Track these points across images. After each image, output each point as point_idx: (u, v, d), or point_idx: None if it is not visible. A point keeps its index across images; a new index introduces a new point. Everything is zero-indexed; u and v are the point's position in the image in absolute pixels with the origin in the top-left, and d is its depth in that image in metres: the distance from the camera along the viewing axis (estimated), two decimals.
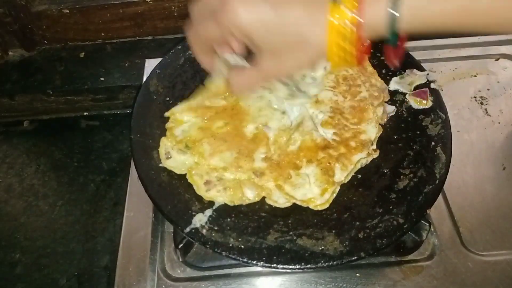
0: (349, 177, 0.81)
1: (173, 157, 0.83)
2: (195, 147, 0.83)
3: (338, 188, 0.79)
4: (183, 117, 0.87)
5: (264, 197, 0.79)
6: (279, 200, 0.78)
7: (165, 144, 0.85)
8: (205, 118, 0.86)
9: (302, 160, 0.81)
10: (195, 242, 0.75)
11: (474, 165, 0.96)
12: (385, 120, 0.88)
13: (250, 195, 0.79)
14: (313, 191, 0.78)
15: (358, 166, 0.82)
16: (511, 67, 1.12)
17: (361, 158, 0.82)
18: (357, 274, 0.83)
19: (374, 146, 0.85)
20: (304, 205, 0.77)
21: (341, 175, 0.80)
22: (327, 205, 0.77)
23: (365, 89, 0.91)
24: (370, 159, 0.83)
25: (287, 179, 0.79)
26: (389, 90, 0.93)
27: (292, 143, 0.83)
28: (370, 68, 0.96)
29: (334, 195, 0.78)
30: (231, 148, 0.82)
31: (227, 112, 0.87)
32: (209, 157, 0.82)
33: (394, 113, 0.90)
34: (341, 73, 0.93)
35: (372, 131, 0.86)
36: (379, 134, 0.86)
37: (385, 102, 0.91)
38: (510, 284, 0.81)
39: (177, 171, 0.82)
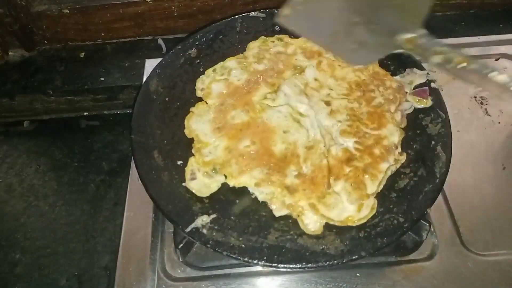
0: (382, 186, 0.80)
1: (198, 178, 0.82)
2: (224, 168, 0.82)
3: (376, 203, 0.78)
4: (208, 139, 0.86)
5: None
6: (310, 225, 0.76)
7: (192, 164, 0.84)
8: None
9: (330, 178, 0.80)
10: (196, 242, 0.75)
11: (474, 165, 0.96)
12: (405, 124, 0.88)
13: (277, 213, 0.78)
14: (348, 209, 0.77)
15: (389, 173, 0.81)
16: (511, 67, 1.12)
17: (390, 166, 0.81)
18: (357, 274, 0.83)
19: (399, 149, 0.84)
20: (343, 225, 0.75)
21: (373, 186, 0.79)
22: (365, 220, 0.76)
23: (380, 93, 0.91)
24: (398, 165, 0.82)
25: (320, 198, 0.78)
26: None
27: (324, 155, 0.82)
28: (381, 71, 0.95)
29: (374, 211, 0.76)
30: (261, 165, 0.81)
31: (252, 130, 0.86)
32: (238, 175, 0.81)
33: (411, 110, 0.89)
34: (353, 79, 0.93)
35: (394, 135, 0.85)
36: (402, 137, 0.85)
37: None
38: (510, 284, 0.81)
39: (199, 194, 0.81)
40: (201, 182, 0.82)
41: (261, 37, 1.02)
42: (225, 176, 0.82)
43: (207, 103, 0.92)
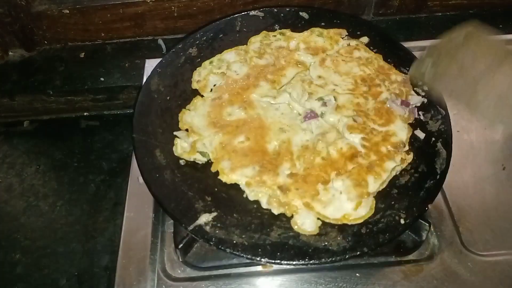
0: (385, 185, 0.79)
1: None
2: (215, 163, 0.83)
3: (375, 203, 0.77)
4: (202, 132, 0.86)
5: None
6: (305, 226, 0.75)
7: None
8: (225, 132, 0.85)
9: (330, 174, 0.79)
10: (199, 239, 0.75)
11: (474, 165, 0.96)
12: (412, 119, 0.87)
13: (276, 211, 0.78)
14: (345, 206, 0.76)
15: (393, 174, 0.80)
16: None
17: (396, 165, 0.80)
18: (357, 274, 0.83)
19: (407, 147, 0.83)
20: (338, 223, 0.75)
21: (375, 184, 0.78)
22: (361, 220, 0.75)
23: (386, 88, 0.90)
24: (405, 165, 0.82)
25: (314, 196, 0.77)
26: None
27: (318, 154, 0.81)
28: (386, 65, 0.95)
29: (372, 212, 0.76)
30: (253, 162, 0.81)
31: (248, 125, 0.86)
32: (230, 172, 0.81)
33: (420, 103, 0.89)
34: (358, 74, 0.93)
35: (402, 132, 0.84)
36: (410, 134, 0.85)
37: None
38: (510, 284, 0.81)
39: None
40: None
41: (263, 31, 1.02)
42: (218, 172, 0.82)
43: (202, 97, 0.92)
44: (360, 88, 0.91)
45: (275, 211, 0.77)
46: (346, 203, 0.77)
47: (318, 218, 0.76)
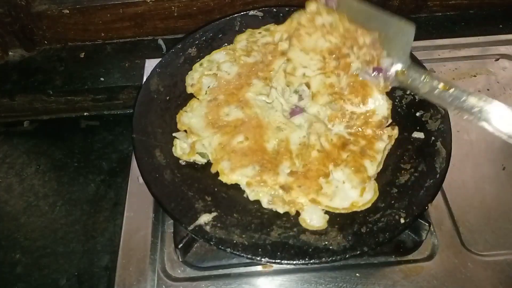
0: (381, 166, 0.80)
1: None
2: (214, 164, 0.83)
3: (377, 185, 0.78)
4: (200, 133, 0.86)
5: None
6: (313, 222, 0.76)
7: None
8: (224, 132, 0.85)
9: (328, 166, 0.80)
10: (200, 239, 0.75)
11: (474, 165, 0.96)
12: (390, 87, 0.86)
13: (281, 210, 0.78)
14: (350, 194, 0.77)
15: (386, 153, 0.82)
16: (510, 67, 1.13)
17: (386, 145, 0.81)
18: (357, 274, 0.83)
19: (390, 121, 0.84)
20: (348, 211, 0.76)
21: (373, 167, 0.79)
22: (369, 205, 0.76)
23: (355, 56, 0.86)
24: (393, 142, 0.83)
25: (318, 190, 0.78)
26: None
27: (312, 147, 0.81)
28: (352, 27, 0.87)
29: (377, 194, 0.77)
30: (253, 162, 0.81)
31: (246, 125, 0.86)
32: (230, 172, 0.81)
33: (391, 65, 0.85)
34: (325, 47, 0.88)
35: (382, 107, 0.84)
36: (391, 106, 0.85)
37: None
38: (510, 284, 0.81)
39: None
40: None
41: (248, 29, 1.02)
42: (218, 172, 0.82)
43: (198, 99, 0.92)
44: (329, 64, 0.87)
45: (280, 210, 0.78)
46: (351, 191, 0.77)
47: (327, 212, 0.77)
